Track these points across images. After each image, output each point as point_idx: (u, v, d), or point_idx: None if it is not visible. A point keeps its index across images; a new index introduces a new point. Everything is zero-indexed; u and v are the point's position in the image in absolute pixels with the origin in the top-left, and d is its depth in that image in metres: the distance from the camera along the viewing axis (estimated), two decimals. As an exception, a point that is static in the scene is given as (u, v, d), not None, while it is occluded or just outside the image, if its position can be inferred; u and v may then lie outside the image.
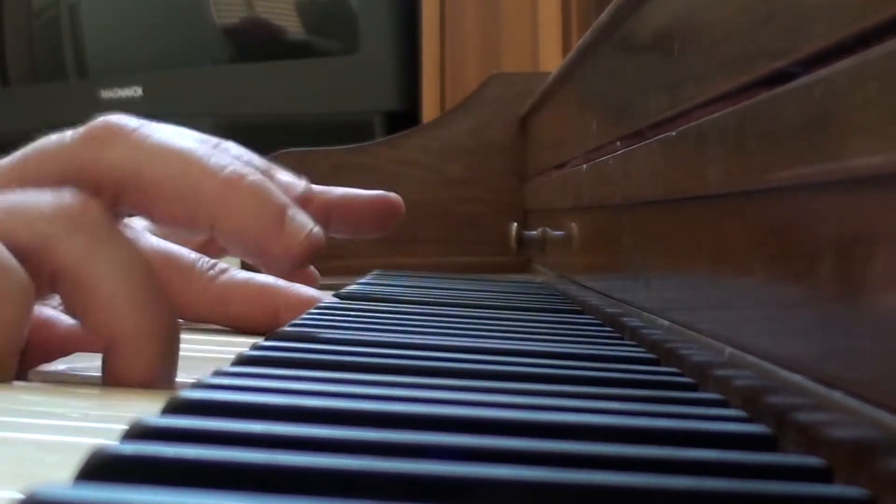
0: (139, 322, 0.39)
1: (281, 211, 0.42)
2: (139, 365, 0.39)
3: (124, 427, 0.25)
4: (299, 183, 0.49)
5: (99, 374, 0.42)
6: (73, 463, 0.22)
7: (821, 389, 0.27)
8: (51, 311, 0.45)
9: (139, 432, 0.24)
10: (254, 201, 0.42)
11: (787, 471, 0.25)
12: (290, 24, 1.83)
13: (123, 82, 1.86)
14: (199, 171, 0.42)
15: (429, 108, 1.61)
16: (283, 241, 0.42)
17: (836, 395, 0.26)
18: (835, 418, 0.26)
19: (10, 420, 0.32)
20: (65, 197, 0.39)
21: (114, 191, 0.42)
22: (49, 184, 0.41)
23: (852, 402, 0.25)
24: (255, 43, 1.82)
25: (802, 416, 0.28)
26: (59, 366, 0.44)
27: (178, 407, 0.28)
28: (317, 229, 0.43)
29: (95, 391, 0.39)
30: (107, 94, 1.87)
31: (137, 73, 1.86)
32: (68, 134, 0.43)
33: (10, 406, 0.35)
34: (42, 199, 0.39)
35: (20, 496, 0.19)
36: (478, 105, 1.18)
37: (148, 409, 0.29)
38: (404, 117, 1.60)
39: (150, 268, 0.40)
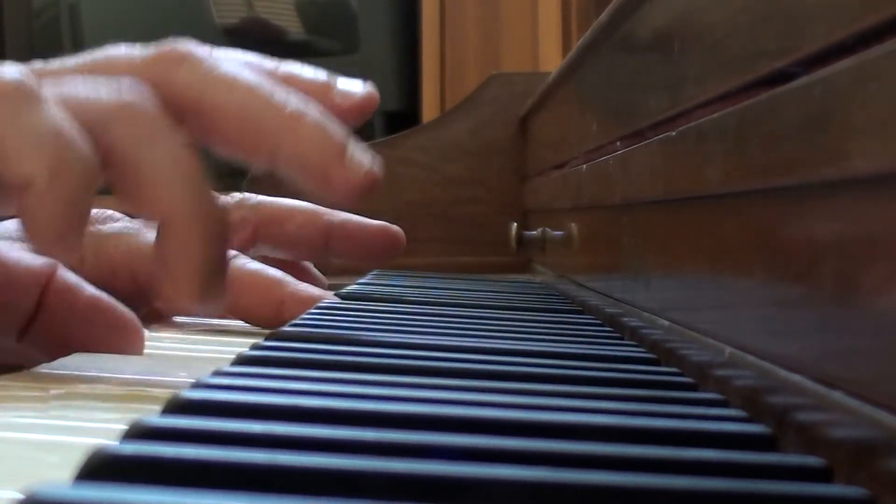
0: (190, 207, 0.40)
1: (342, 145, 0.43)
2: (191, 250, 0.40)
3: (124, 427, 0.25)
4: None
5: (99, 374, 0.42)
6: (73, 463, 0.22)
7: (821, 389, 0.27)
8: (75, 276, 0.46)
9: (139, 432, 0.24)
10: (316, 134, 0.43)
11: (787, 471, 0.25)
12: (290, 24, 1.83)
13: (123, 82, 1.86)
14: (264, 103, 0.43)
15: (429, 108, 1.61)
16: (343, 171, 0.43)
17: (836, 395, 0.26)
18: (835, 418, 0.26)
19: (11, 420, 0.32)
20: (124, 84, 0.41)
21: (178, 113, 0.43)
22: None
23: (852, 402, 0.25)
24: (255, 43, 1.82)
25: (802, 416, 0.28)
26: (59, 366, 0.44)
27: (178, 407, 0.28)
28: (376, 165, 0.44)
29: (96, 391, 0.39)
30: (107, 94, 1.87)
31: (137, 73, 1.85)
32: (137, 49, 0.44)
33: (11, 406, 0.35)
34: (102, 83, 0.41)
35: (20, 496, 0.19)
36: (478, 105, 1.18)
37: (148, 409, 0.29)
38: (404, 117, 1.60)
39: (199, 160, 0.41)
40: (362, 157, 0.44)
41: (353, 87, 0.49)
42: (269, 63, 0.49)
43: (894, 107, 0.22)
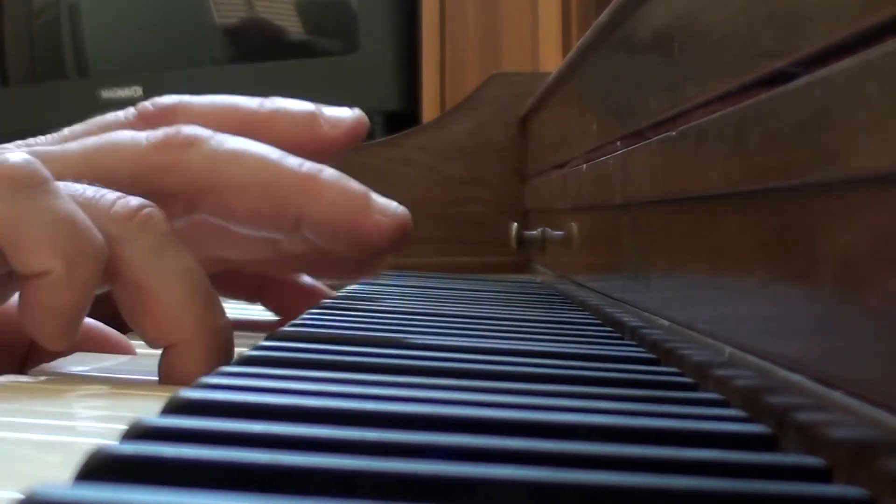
0: (197, 328, 0.40)
1: (365, 194, 0.44)
2: (195, 368, 0.40)
3: (124, 427, 0.25)
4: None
5: (99, 374, 0.42)
6: (73, 463, 0.22)
7: (821, 389, 0.27)
8: None
9: (139, 432, 0.24)
10: (338, 188, 0.43)
11: (787, 471, 0.25)
12: (290, 24, 1.83)
13: (123, 82, 1.86)
14: (279, 169, 0.43)
15: (429, 108, 1.61)
16: (372, 220, 0.43)
17: (836, 395, 0.26)
18: (835, 418, 0.26)
19: (10, 420, 0.32)
20: (131, 202, 0.40)
21: (192, 195, 0.43)
22: (121, 184, 0.41)
23: (852, 402, 0.25)
24: (255, 43, 1.82)
25: (802, 416, 0.28)
26: (59, 366, 0.44)
27: (178, 407, 0.28)
28: (401, 208, 0.45)
29: (95, 391, 0.39)
30: (107, 94, 1.87)
31: (137, 73, 1.86)
32: (142, 136, 0.44)
33: (11, 406, 0.35)
34: (110, 199, 0.40)
35: (20, 496, 0.19)
36: (478, 105, 1.18)
37: (148, 408, 0.29)
38: (404, 117, 1.60)
39: (206, 275, 0.41)
40: (387, 201, 0.44)
41: (342, 114, 0.48)
42: (253, 101, 0.49)
43: (894, 107, 0.22)
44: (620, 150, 0.55)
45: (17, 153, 0.39)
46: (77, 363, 0.44)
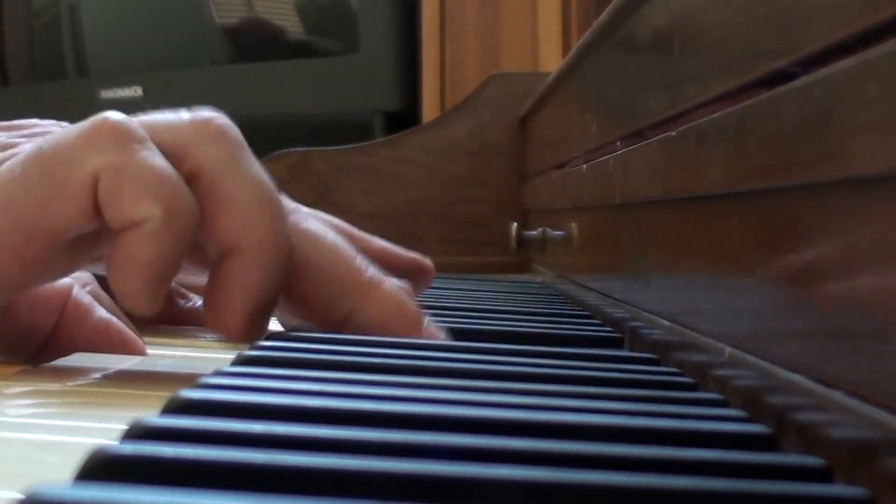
0: (267, 232, 0.40)
1: (418, 318, 0.45)
2: (257, 275, 0.40)
3: (124, 427, 0.25)
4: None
5: (99, 374, 0.42)
6: (73, 463, 0.22)
7: (821, 389, 0.27)
8: (89, 298, 0.46)
9: (139, 432, 0.24)
10: (394, 303, 0.45)
11: (787, 471, 0.25)
12: (290, 24, 1.83)
13: (123, 82, 1.86)
14: (348, 265, 0.45)
15: (429, 108, 1.61)
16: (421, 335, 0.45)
17: (836, 395, 0.26)
18: (835, 418, 0.26)
19: (11, 420, 0.32)
20: (203, 113, 0.42)
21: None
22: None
23: (852, 402, 0.25)
24: (255, 43, 1.82)
25: (802, 416, 0.28)
26: (59, 365, 0.44)
27: (178, 407, 0.28)
28: (444, 335, 0.46)
29: (96, 391, 0.39)
30: (107, 94, 1.87)
31: (137, 73, 1.86)
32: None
33: (11, 406, 0.35)
34: (185, 117, 0.42)
35: (20, 496, 0.19)
36: (478, 105, 1.18)
37: (148, 409, 0.29)
38: (404, 117, 1.60)
39: (276, 188, 0.42)
40: (434, 327, 0.46)
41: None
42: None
43: (894, 107, 0.22)
44: (620, 150, 0.55)
45: (115, 113, 0.40)
46: (77, 363, 0.44)
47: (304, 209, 0.47)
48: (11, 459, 0.27)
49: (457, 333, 0.47)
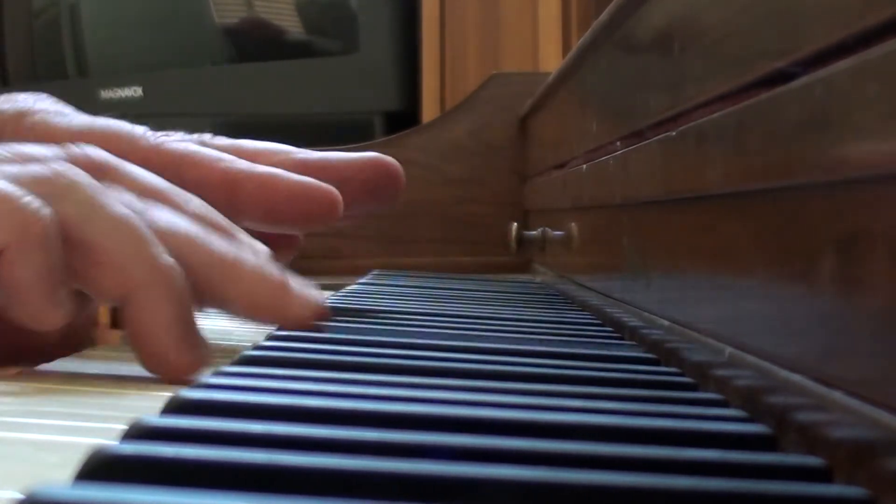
0: (148, 271, 0.40)
1: (284, 284, 0.44)
2: (157, 316, 0.40)
3: (124, 427, 0.25)
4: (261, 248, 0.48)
5: (99, 374, 0.42)
6: (73, 463, 0.22)
7: (821, 389, 0.27)
8: None
9: (139, 432, 0.24)
10: (257, 276, 0.44)
11: (787, 471, 0.25)
12: (290, 24, 1.83)
13: (123, 82, 1.86)
14: (205, 251, 0.43)
15: (429, 108, 1.61)
16: (292, 312, 0.44)
17: (836, 395, 0.26)
18: (835, 418, 0.26)
19: (10, 420, 0.32)
20: (50, 163, 0.41)
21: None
22: None
23: (852, 402, 0.25)
24: (255, 43, 1.82)
25: (802, 416, 0.28)
26: (59, 365, 0.44)
27: (178, 407, 0.28)
28: (320, 294, 0.45)
29: (96, 391, 0.39)
30: (107, 94, 1.87)
31: (137, 73, 1.86)
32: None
33: (11, 406, 0.35)
34: (32, 169, 0.40)
35: (20, 496, 0.19)
36: (478, 105, 1.18)
37: (148, 409, 0.29)
38: (404, 117, 1.60)
39: (142, 220, 0.41)
40: (305, 290, 0.45)
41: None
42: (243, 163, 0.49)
43: (894, 107, 0.22)
44: (620, 150, 0.55)
45: None
46: (77, 363, 0.44)
47: (154, 207, 0.44)
48: (11, 459, 0.27)
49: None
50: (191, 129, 0.55)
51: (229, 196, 0.51)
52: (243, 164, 0.52)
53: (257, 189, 0.52)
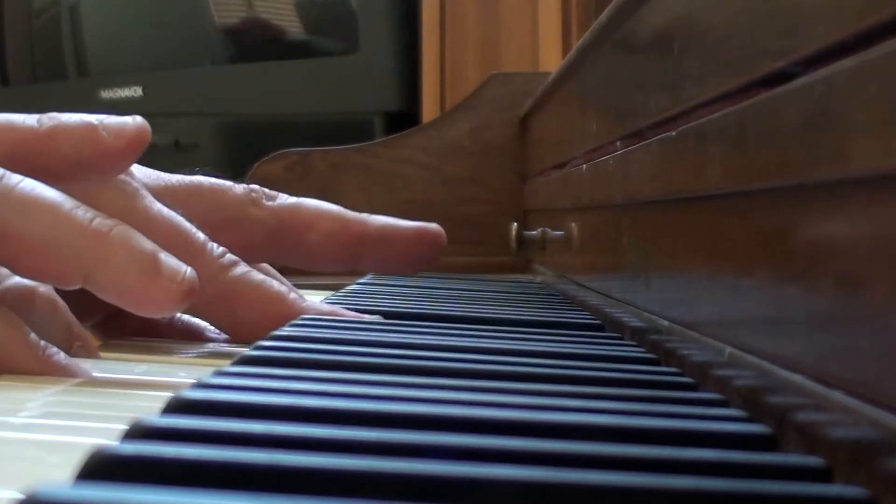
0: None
1: (154, 257, 0.42)
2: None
3: (124, 427, 0.25)
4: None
5: (99, 374, 0.42)
6: (73, 463, 0.22)
7: (821, 389, 0.27)
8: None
9: (139, 432, 0.24)
10: (127, 249, 0.42)
11: (787, 471, 0.25)
12: (290, 24, 1.83)
13: (123, 82, 1.86)
14: (69, 224, 0.42)
15: (429, 108, 1.61)
16: (161, 284, 0.42)
17: (836, 395, 0.26)
18: (835, 418, 0.26)
19: (10, 420, 0.32)
20: None
21: None
22: None
23: (852, 402, 0.25)
24: (255, 43, 1.82)
25: (802, 416, 0.28)
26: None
27: (179, 407, 0.28)
28: (190, 271, 0.43)
29: (96, 391, 0.39)
30: (107, 94, 1.87)
31: (137, 73, 1.86)
32: None
33: (11, 406, 0.35)
34: None
35: (20, 496, 0.19)
36: (478, 105, 1.18)
37: (148, 409, 0.29)
38: (404, 117, 1.60)
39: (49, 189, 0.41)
40: (176, 263, 0.43)
41: (123, 122, 0.47)
42: (31, 118, 0.47)
43: (894, 107, 0.22)
44: (620, 150, 0.55)
45: None
46: (77, 363, 0.44)
47: (11, 177, 0.43)
48: (11, 459, 0.27)
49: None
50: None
51: (358, 254, 0.56)
52: (373, 222, 0.57)
53: (379, 243, 0.56)
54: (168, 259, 0.42)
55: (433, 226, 0.57)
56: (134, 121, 0.46)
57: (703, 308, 0.40)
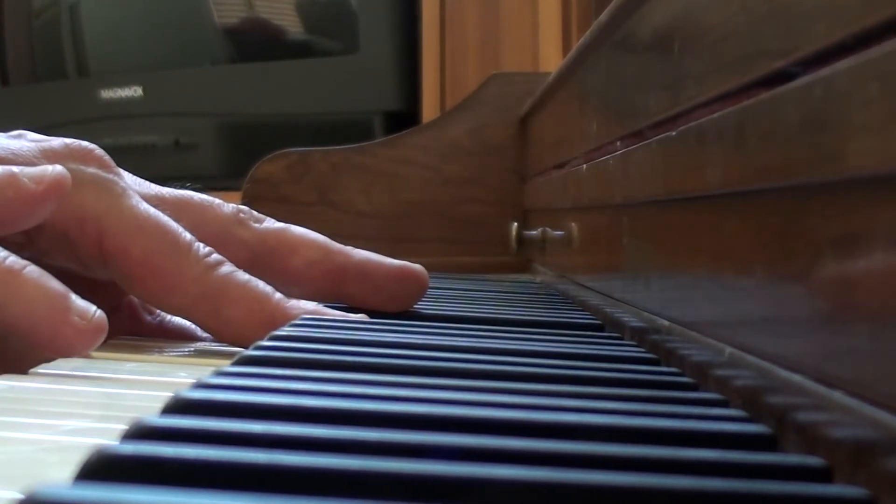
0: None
1: (65, 295, 0.43)
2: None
3: (124, 427, 0.25)
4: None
5: (99, 374, 0.42)
6: (73, 463, 0.22)
7: (821, 389, 0.27)
8: None
9: (139, 432, 0.24)
10: (37, 287, 0.43)
11: (787, 471, 0.25)
12: (290, 24, 1.83)
13: (123, 82, 1.86)
14: None
15: (429, 108, 1.61)
16: (71, 321, 0.43)
17: (836, 395, 0.26)
18: (835, 418, 0.26)
19: (10, 420, 0.32)
20: None
21: None
22: None
23: (852, 402, 0.25)
24: (255, 43, 1.82)
25: (802, 416, 0.28)
26: (59, 366, 0.44)
27: (178, 407, 0.28)
28: (99, 312, 0.44)
29: (96, 391, 0.39)
30: (107, 94, 1.87)
31: (137, 73, 1.86)
32: None
33: (11, 406, 0.35)
34: None
35: (20, 496, 0.19)
36: (478, 105, 1.18)
37: (148, 409, 0.29)
38: (404, 117, 1.60)
39: None
40: (86, 306, 0.43)
41: (43, 170, 0.47)
42: None
43: (894, 107, 0.22)
44: (620, 150, 0.55)
45: None
46: (77, 363, 0.44)
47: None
48: (11, 459, 0.27)
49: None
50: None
51: (337, 285, 0.56)
52: (355, 255, 0.57)
53: (359, 276, 0.56)
54: (78, 299, 0.43)
55: (416, 266, 0.57)
56: (54, 169, 0.47)
57: (703, 308, 0.40)
